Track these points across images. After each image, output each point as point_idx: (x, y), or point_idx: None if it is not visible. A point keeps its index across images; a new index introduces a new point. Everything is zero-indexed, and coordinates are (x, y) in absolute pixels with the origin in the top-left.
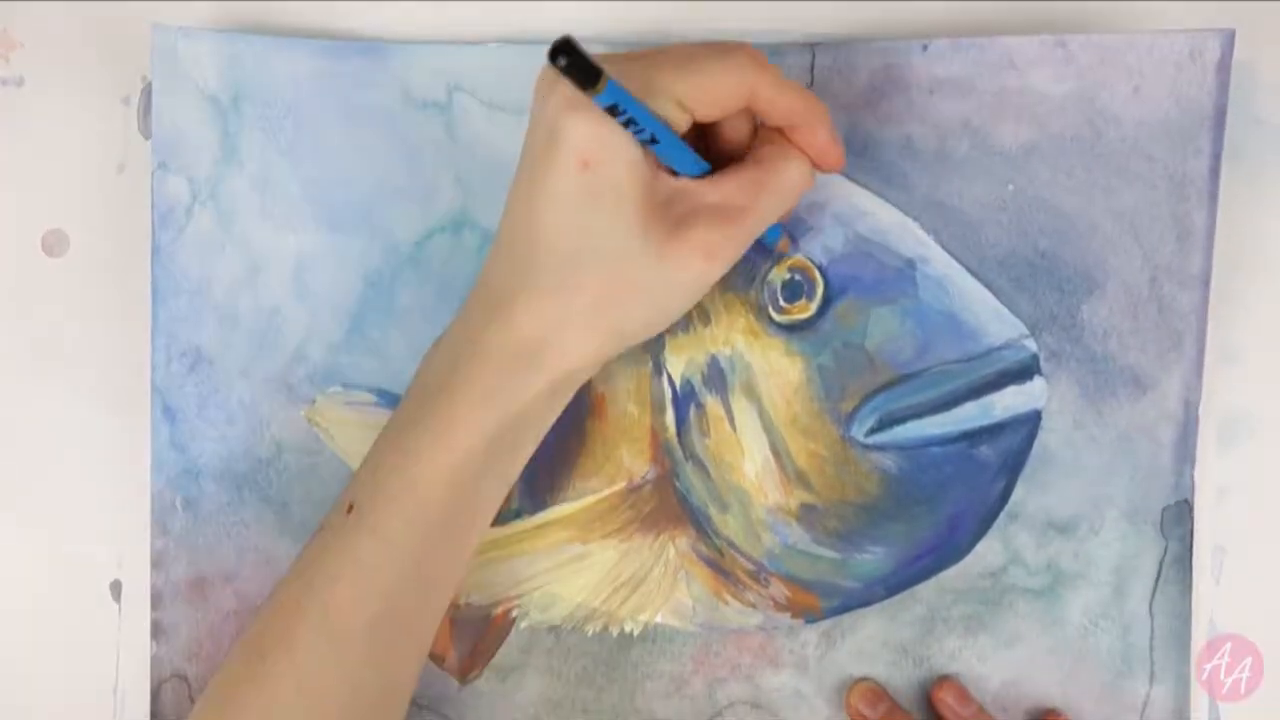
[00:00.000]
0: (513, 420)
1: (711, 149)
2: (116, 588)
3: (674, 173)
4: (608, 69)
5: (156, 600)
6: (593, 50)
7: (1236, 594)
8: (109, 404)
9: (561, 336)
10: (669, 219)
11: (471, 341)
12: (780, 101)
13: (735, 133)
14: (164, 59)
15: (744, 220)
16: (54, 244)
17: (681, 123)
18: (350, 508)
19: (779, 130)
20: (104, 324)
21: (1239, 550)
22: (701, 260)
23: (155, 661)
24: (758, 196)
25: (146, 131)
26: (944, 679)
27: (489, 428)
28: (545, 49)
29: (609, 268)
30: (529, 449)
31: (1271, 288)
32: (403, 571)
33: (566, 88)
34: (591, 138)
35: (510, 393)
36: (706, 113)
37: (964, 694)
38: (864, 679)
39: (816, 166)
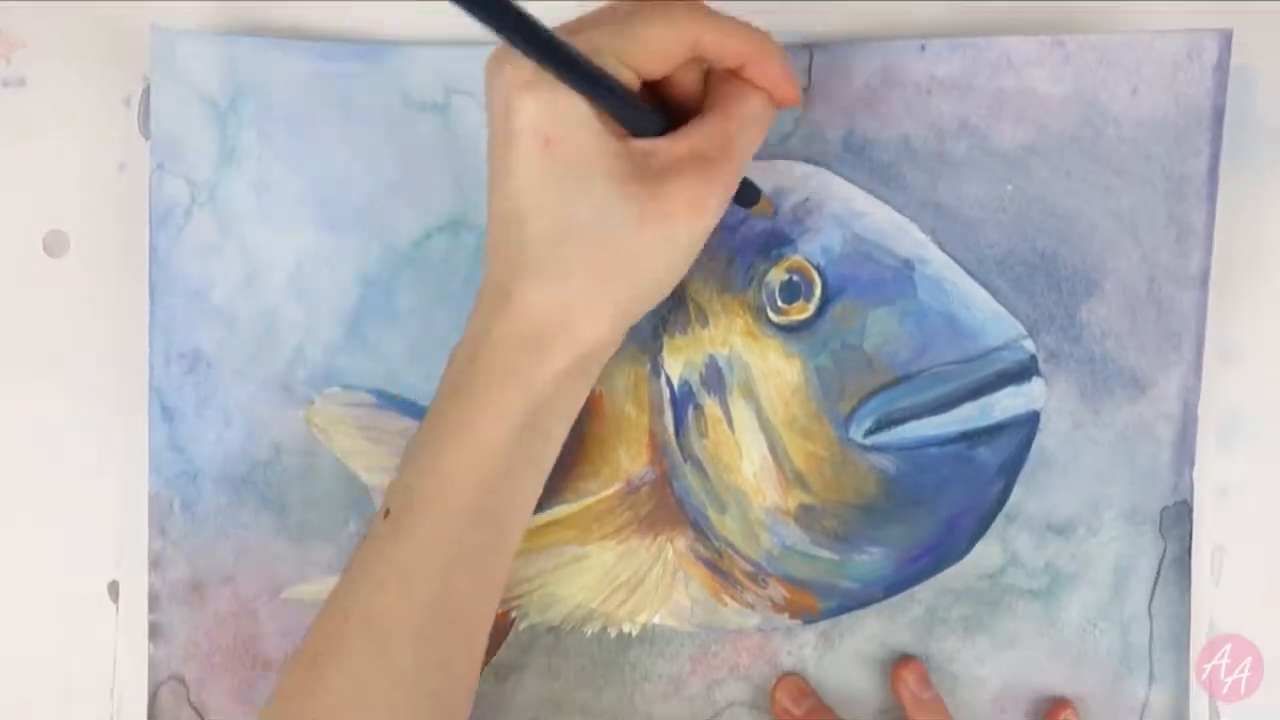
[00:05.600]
0: (534, 408)
1: (667, 105)
2: (114, 588)
3: (636, 134)
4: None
5: (154, 602)
6: None
7: (1236, 594)
8: (109, 404)
9: (567, 319)
10: (645, 181)
11: (482, 337)
12: (727, 44)
13: (686, 85)
14: (162, 61)
15: (719, 166)
16: (55, 244)
17: (630, 82)
18: (387, 513)
19: (730, 72)
20: (104, 324)
21: (1238, 550)
22: (688, 215)
23: (153, 663)
24: (726, 139)
25: (147, 132)
26: (907, 659)
27: (511, 419)
28: None
29: (596, 241)
30: (560, 434)
31: (1270, 287)
32: (443, 572)
33: (513, 67)
34: (547, 113)
35: (526, 382)
36: (652, 68)
37: (925, 678)
38: (790, 674)
39: (774, 101)
